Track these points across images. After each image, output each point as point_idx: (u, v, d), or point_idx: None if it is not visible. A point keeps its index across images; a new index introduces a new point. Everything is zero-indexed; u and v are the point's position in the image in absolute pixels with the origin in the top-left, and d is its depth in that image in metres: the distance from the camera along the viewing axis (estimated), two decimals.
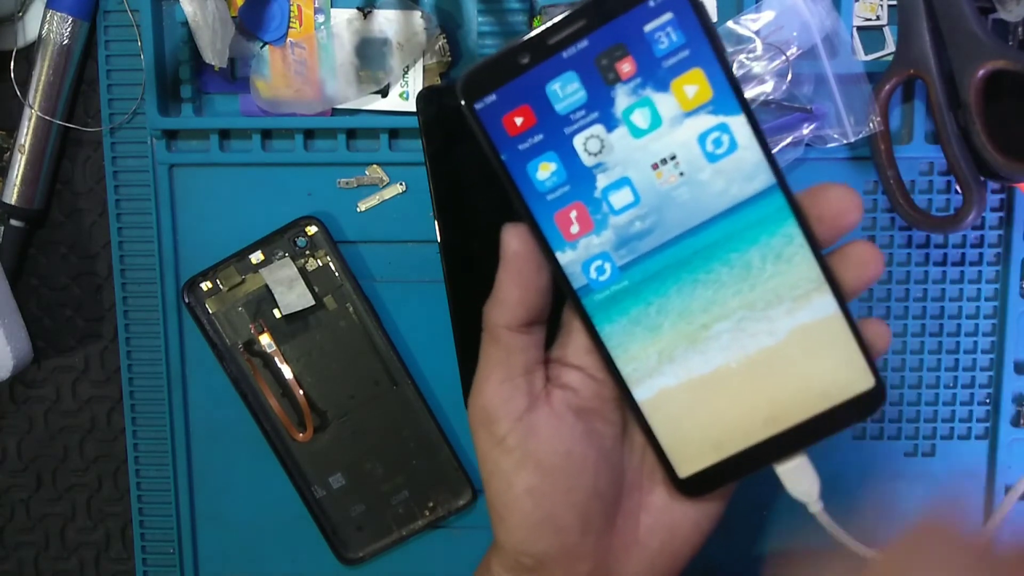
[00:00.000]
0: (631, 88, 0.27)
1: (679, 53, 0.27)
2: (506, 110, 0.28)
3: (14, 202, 0.47)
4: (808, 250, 0.28)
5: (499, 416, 0.29)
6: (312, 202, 0.46)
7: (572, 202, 0.28)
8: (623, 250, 0.28)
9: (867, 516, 0.32)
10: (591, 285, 0.29)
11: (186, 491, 0.49)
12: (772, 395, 0.29)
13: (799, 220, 0.28)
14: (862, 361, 0.28)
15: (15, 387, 0.50)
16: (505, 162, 0.28)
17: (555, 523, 0.29)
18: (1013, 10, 0.40)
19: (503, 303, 0.29)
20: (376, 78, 0.45)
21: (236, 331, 0.47)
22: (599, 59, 0.27)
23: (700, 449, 0.29)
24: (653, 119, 0.27)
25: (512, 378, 0.29)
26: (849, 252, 0.28)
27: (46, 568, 0.52)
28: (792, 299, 0.28)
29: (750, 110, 0.27)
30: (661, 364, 0.29)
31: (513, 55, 0.27)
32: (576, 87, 0.27)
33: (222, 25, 0.43)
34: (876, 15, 0.44)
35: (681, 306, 0.28)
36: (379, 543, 0.48)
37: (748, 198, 0.28)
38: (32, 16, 0.46)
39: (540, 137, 0.28)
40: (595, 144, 0.28)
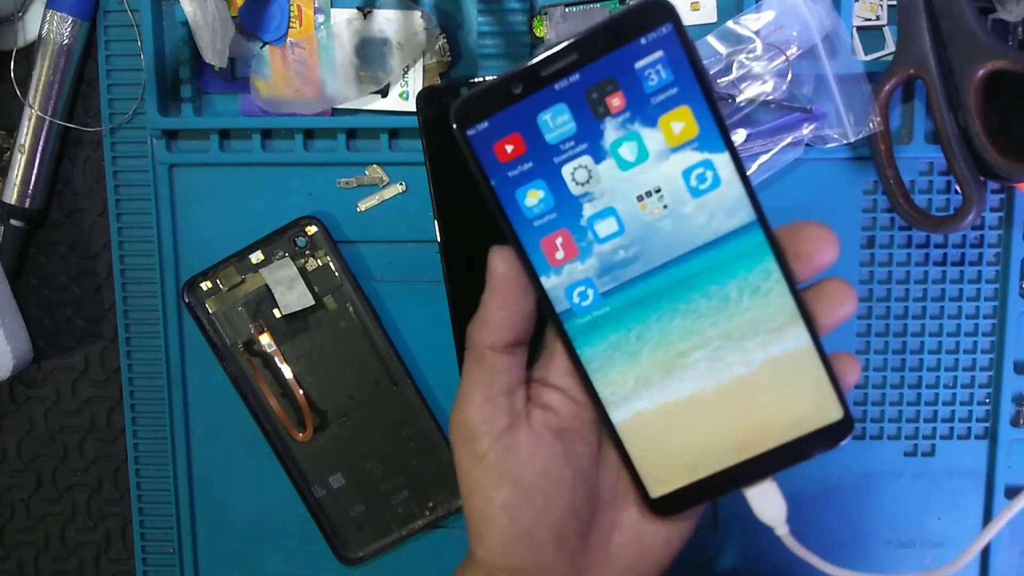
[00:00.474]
0: (620, 122, 0.28)
1: (668, 90, 0.28)
2: (497, 137, 0.28)
3: (14, 202, 0.47)
4: (784, 285, 0.29)
5: (480, 434, 0.30)
6: (312, 202, 0.47)
7: (558, 229, 0.29)
8: (606, 277, 0.29)
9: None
10: (573, 310, 0.30)
11: (186, 491, 0.49)
12: (744, 422, 0.30)
13: (777, 256, 0.29)
14: (832, 393, 0.29)
15: (15, 387, 0.50)
16: (494, 187, 0.29)
17: (531, 539, 0.30)
18: (1013, 10, 0.40)
19: (488, 324, 0.30)
20: (376, 78, 0.45)
21: (236, 331, 0.47)
22: (590, 92, 0.28)
23: (673, 471, 0.30)
24: (640, 153, 0.28)
25: (494, 397, 0.30)
26: (824, 288, 0.29)
27: (46, 568, 0.52)
28: (767, 331, 0.29)
29: (734, 148, 0.28)
30: (638, 388, 0.30)
31: (506, 84, 0.28)
32: (566, 118, 0.28)
33: (222, 25, 0.43)
34: (876, 15, 0.44)
35: (660, 334, 0.29)
36: (379, 543, 0.48)
37: (729, 232, 0.29)
38: (32, 16, 0.46)
39: (529, 165, 0.29)
40: (583, 174, 0.29)
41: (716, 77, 0.43)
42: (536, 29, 0.44)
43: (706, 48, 0.43)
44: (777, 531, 0.31)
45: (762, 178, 0.44)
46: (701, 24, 0.44)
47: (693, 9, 0.44)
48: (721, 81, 0.43)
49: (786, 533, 0.31)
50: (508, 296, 0.30)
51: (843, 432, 0.29)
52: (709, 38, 0.43)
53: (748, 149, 0.44)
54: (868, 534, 0.48)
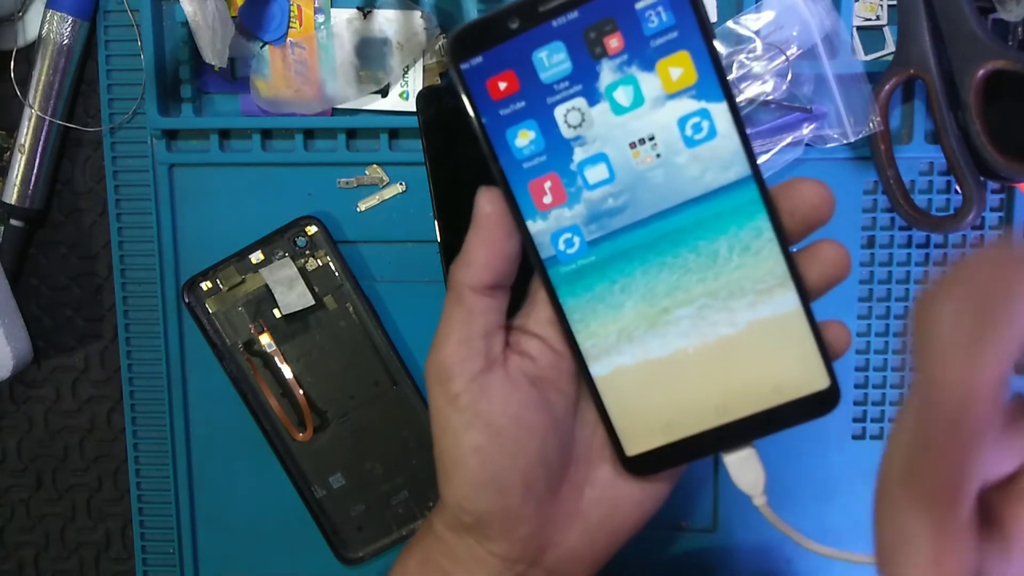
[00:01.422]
0: (616, 64, 0.27)
1: (668, 34, 0.27)
2: (491, 73, 0.28)
3: (14, 202, 0.47)
4: (776, 245, 0.28)
5: (454, 374, 0.29)
6: (312, 202, 0.47)
7: (547, 172, 0.28)
8: (593, 225, 0.28)
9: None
10: (558, 257, 0.29)
11: (186, 491, 0.49)
12: (726, 384, 0.29)
13: (770, 214, 0.28)
14: (819, 361, 0.28)
15: (15, 387, 0.50)
16: (485, 125, 0.28)
17: (498, 484, 0.29)
18: (1013, 10, 0.40)
19: (469, 263, 0.29)
20: (376, 78, 0.45)
21: (236, 331, 0.47)
22: (587, 32, 0.27)
23: (650, 430, 0.30)
24: (635, 98, 0.28)
25: (471, 339, 0.29)
26: (818, 250, 0.28)
27: (46, 568, 0.52)
28: (755, 292, 0.28)
29: (733, 99, 0.27)
30: (620, 343, 0.29)
31: (503, 19, 0.27)
32: (562, 58, 0.27)
33: (222, 25, 0.43)
34: (876, 15, 0.44)
35: (645, 287, 0.29)
36: (379, 543, 0.48)
37: (722, 187, 0.28)
38: (32, 16, 0.46)
39: (522, 104, 0.28)
40: (575, 117, 0.28)
41: None
42: None
43: None
44: (754, 500, 0.30)
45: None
46: None
47: None
48: None
49: (764, 503, 0.30)
50: (492, 236, 0.29)
51: (829, 402, 0.28)
52: None
53: None
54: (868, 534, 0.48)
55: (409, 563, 0.32)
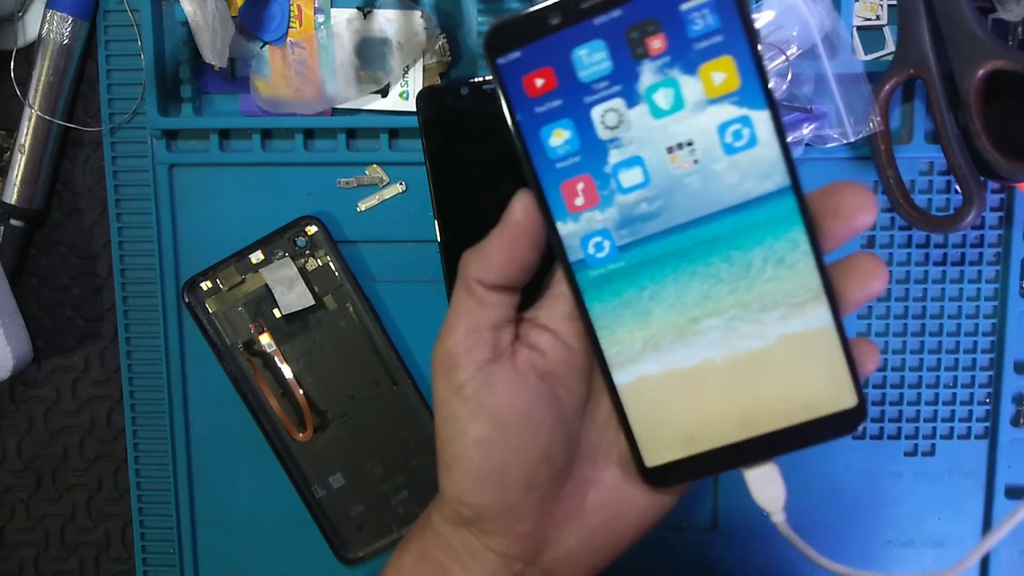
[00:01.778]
0: (658, 66, 0.27)
1: (712, 37, 0.26)
2: (528, 69, 0.27)
3: (14, 202, 0.47)
4: (812, 258, 0.27)
5: (460, 363, 0.29)
6: (312, 202, 0.47)
7: (581, 173, 0.28)
8: (625, 230, 0.28)
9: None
10: (587, 260, 0.28)
11: (186, 491, 0.49)
12: (752, 398, 0.28)
13: (807, 227, 0.27)
14: (848, 378, 0.28)
15: (15, 387, 0.50)
16: (519, 122, 0.27)
17: (500, 478, 0.29)
18: (1013, 10, 0.40)
19: (484, 259, 0.29)
20: (376, 78, 0.45)
21: (236, 331, 0.47)
22: (630, 31, 0.26)
23: (671, 441, 0.29)
24: (676, 101, 0.27)
25: (479, 329, 0.29)
26: (855, 263, 0.28)
27: (46, 568, 0.52)
28: (787, 305, 0.28)
29: (776, 107, 0.27)
30: (646, 351, 0.29)
31: (544, 15, 0.27)
32: (602, 56, 0.27)
33: (222, 25, 0.43)
34: (876, 15, 0.44)
35: (674, 296, 0.28)
36: (379, 543, 0.48)
37: (760, 196, 0.27)
38: (32, 16, 0.46)
39: (559, 102, 0.27)
40: (613, 118, 0.27)
41: None
42: None
43: None
44: (773, 517, 0.30)
45: None
46: None
47: None
48: None
49: (782, 520, 0.30)
50: (515, 244, 0.29)
51: (855, 420, 0.28)
52: None
53: None
54: (868, 534, 0.48)
55: (405, 557, 0.32)
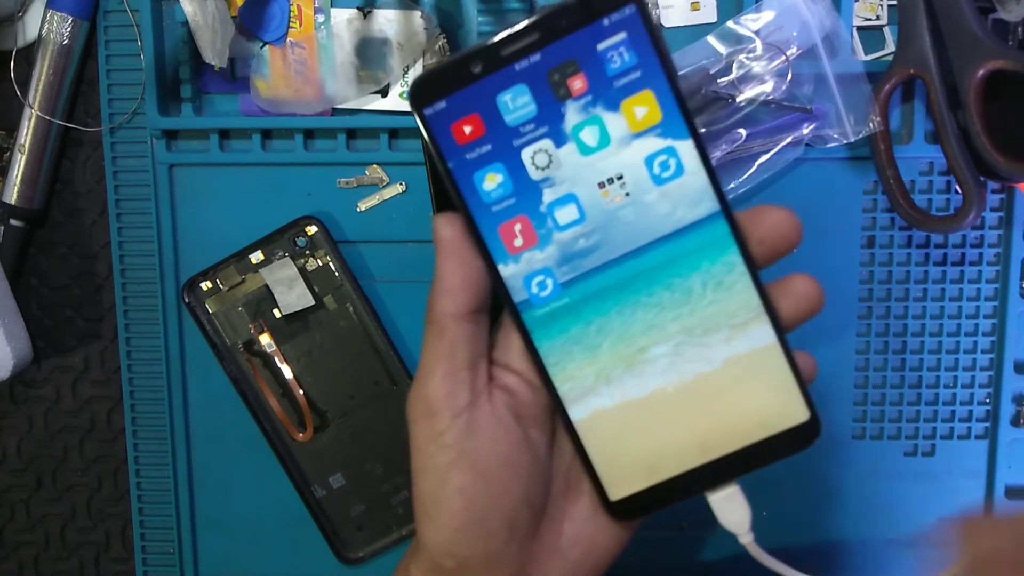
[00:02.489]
0: (581, 105, 0.27)
1: (631, 74, 0.27)
2: (455, 118, 0.28)
3: (14, 202, 0.47)
4: (748, 279, 0.28)
5: (440, 410, 0.29)
6: (312, 202, 0.47)
7: (517, 215, 0.28)
8: (566, 267, 0.28)
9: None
10: (532, 300, 0.29)
11: (186, 491, 0.49)
12: (707, 422, 0.29)
13: (741, 248, 0.28)
14: (797, 393, 0.28)
15: (15, 387, 0.50)
16: (452, 170, 0.28)
17: (484, 527, 0.29)
18: (1013, 10, 0.40)
19: (446, 291, 0.29)
20: (376, 78, 0.45)
21: (236, 331, 0.47)
22: (551, 74, 0.27)
23: (633, 473, 0.29)
24: (602, 138, 0.28)
25: (456, 372, 0.29)
26: (790, 284, 0.29)
27: (46, 568, 0.52)
28: (730, 327, 0.28)
29: (699, 135, 0.27)
30: (598, 384, 0.29)
31: (465, 63, 0.27)
32: (527, 100, 0.27)
33: (222, 25, 0.43)
34: (876, 15, 0.44)
35: (621, 327, 0.29)
36: (379, 543, 0.48)
37: (692, 223, 0.28)
38: (32, 16, 0.46)
39: (488, 148, 0.28)
40: (543, 158, 0.28)
41: (716, 77, 0.43)
42: None
43: (706, 48, 0.43)
44: (741, 539, 0.30)
45: (762, 178, 0.44)
46: (701, 24, 0.44)
47: (693, 9, 0.44)
48: (721, 81, 0.43)
49: (750, 541, 0.30)
50: (461, 257, 0.28)
51: (810, 435, 0.28)
52: (709, 38, 0.43)
53: (748, 149, 0.44)
54: (868, 534, 0.48)
55: None
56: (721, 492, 0.30)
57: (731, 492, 0.30)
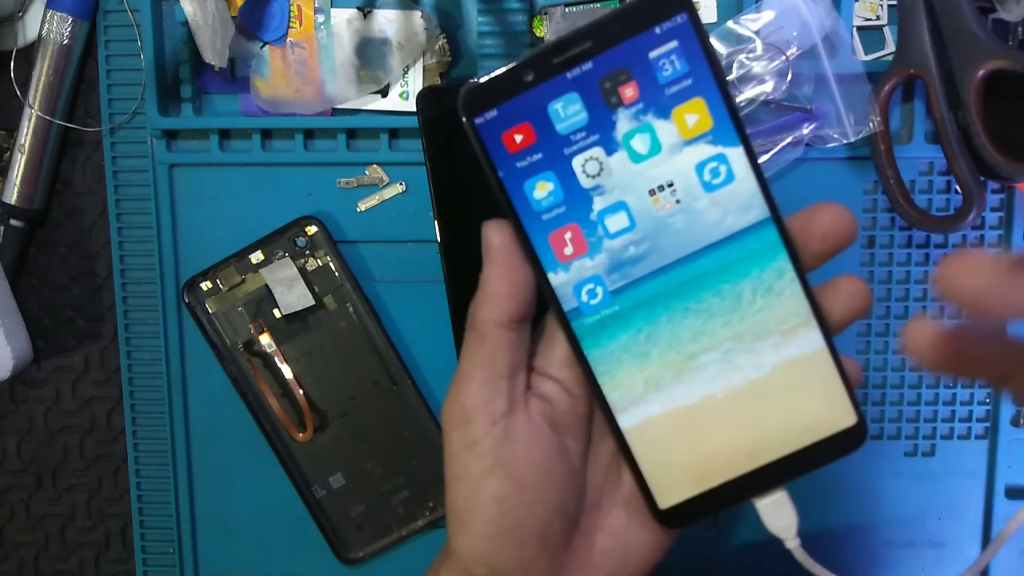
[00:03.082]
0: (632, 113, 0.28)
1: (682, 81, 0.27)
2: (506, 127, 0.28)
3: (14, 202, 0.47)
4: (798, 285, 0.28)
5: (477, 416, 0.28)
6: (312, 202, 0.47)
7: (567, 223, 0.28)
8: (616, 275, 0.28)
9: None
10: (581, 308, 0.29)
11: (186, 491, 0.49)
12: (755, 428, 0.29)
13: (790, 254, 0.28)
14: (845, 397, 0.29)
15: (15, 387, 0.50)
16: (502, 179, 0.28)
17: (517, 536, 0.28)
18: (1013, 10, 0.40)
19: (491, 297, 0.29)
20: (376, 78, 0.45)
21: (236, 331, 0.47)
22: (603, 82, 0.27)
23: (682, 480, 0.29)
24: (653, 145, 0.28)
25: (495, 379, 0.29)
26: (838, 286, 0.29)
27: (46, 568, 0.52)
28: (780, 333, 0.28)
29: (749, 143, 0.28)
30: (647, 392, 0.29)
31: (517, 72, 0.27)
32: (578, 108, 0.28)
33: (222, 25, 0.43)
34: (876, 15, 0.44)
35: (670, 334, 0.29)
36: (379, 543, 0.48)
37: (742, 230, 0.28)
38: (32, 16, 0.46)
39: (539, 156, 0.28)
40: (594, 167, 0.28)
41: None
42: (536, 29, 0.44)
43: None
44: (787, 544, 0.30)
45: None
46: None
47: None
48: None
49: (797, 546, 0.30)
50: (509, 265, 0.28)
51: (857, 439, 0.29)
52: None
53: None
54: (868, 534, 0.48)
55: None
56: (768, 498, 0.30)
57: (778, 498, 0.30)
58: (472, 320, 0.29)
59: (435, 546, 0.49)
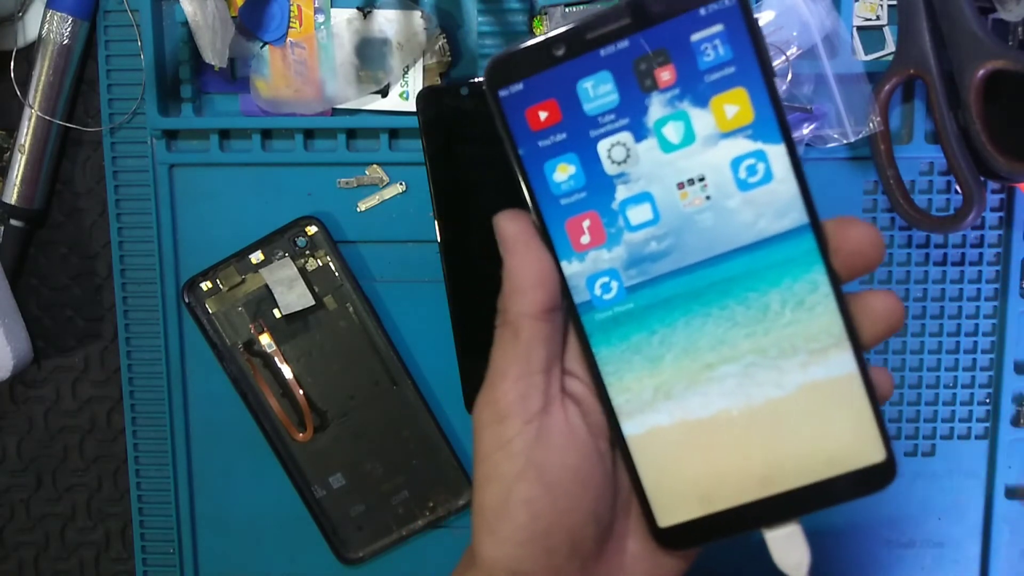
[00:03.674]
0: (668, 98, 0.26)
1: (724, 69, 0.25)
2: (531, 102, 0.26)
3: (14, 202, 0.47)
4: (833, 300, 0.26)
5: (511, 414, 0.27)
6: (312, 202, 0.47)
7: (586, 210, 0.27)
8: (633, 270, 0.26)
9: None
10: (594, 302, 0.27)
11: (186, 491, 0.49)
12: (771, 453, 0.26)
13: (828, 266, 0.26)
14: (875, 430, 0.26)
15: (15, 387, 0.50)
16: (522, 157, 0.26)
17: (547, 542, 0.27)
18: (1013, 10, 0.40)
19: (519, 289, 0.27)
20: (376, 78, 0.45)
21: (236, 331, 0.47)
22: (638, 63, 0.25)
23: (686, 499, 0.27)
24: (686, 135, 0.26)
25: (530, 375, 0.27)
26: (870, 303, 0.26)
27: (46, 568, 0.52)
28: (808, 351, 0.26)
29: (792, 141, 0.25)
30: (656, 400, 0.27)
31: (548, 46, 0.26)
32: (609, 88, 0.26)
33: (222, 25, 0.43)
34: (876, 15, 0.44)
35: (687, 340, 0.27)
36: (379, 543, 0.48)
37: (776, 235, 0.26)
38: (32, 16, 0.46)
39: (563, 136, 0.26)
40: (620, 152, 0.26)
41: None
42: (536, 29, 0.44)
43: None
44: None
45: None
46: None
47: None
48: None
49: None
50: (530, 251, 0.27)
51: (885, 477, 0.26)
52: None
53: None
54: (868, 534, 0.48)
55: None
56: (780, 530, 0.27)
57: (791, 531, 0.27)
58: (503, 315, 0.28)
59: (435, 546, 0.49)
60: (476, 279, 0.45)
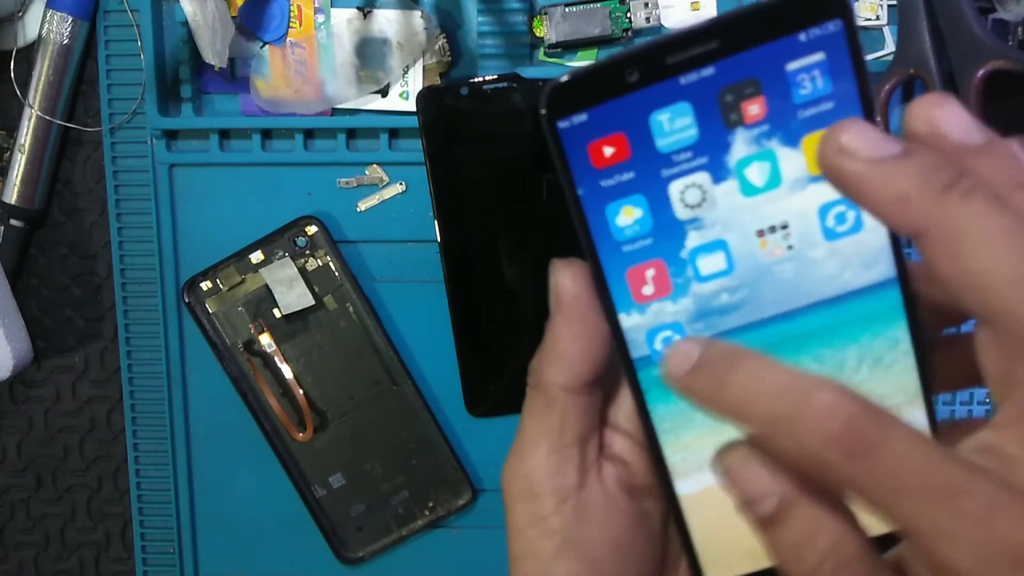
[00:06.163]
0: (754, 136, 0.23)
1: (821, 104, 0.22)
2: (596, 136, 0.23)
3: (14, 202, 0.47)
4: (912, 358, 0.24)
5: (544, 491, 0.25)
6: (312, 202, 0.47)
7: (651, 259, 0.24)
8: (700, 324, 0.24)
9: None
10: (654, 357, 0.24)
11: (186, 491, 0.49)
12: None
13: (911, 323, 0.23)
14: None
15: (15, 387, 0.50)
16: (581, 198, 0.23)
17: None
18: (1013, 10, 0.40)
19: (562, 359, 0.25)
20: (376, 78, 0.45)
21: (236, 331, 0.47)
22: (723, 93, 0.22)
23: (736, 557, 0.25)
24: (772, 177, 0.23)
25: (564, 448, 0.25)
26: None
27: (46, 568, 0.52)
28: None
29: None
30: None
31: (619, 69, 0.22)
32: (688, 122, 0.23)
33: (222, 25, 0.43)
34: (876, 15, 0.44)
35: None
36: (379, 543, 0.48)
37: (860, 288, 0.23)
38: (32, 16, 0.46)
39: (630, 175, 0.23)
40: (695, 195, 0.23)
41: None
42: (536, 29, 0.44)
43: None
44: None
45: None
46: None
47: (693, 9, 0.44)
48: None
49: None
50: (584, 321, 0.24)
51: None
52: None
53: None
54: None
55: None
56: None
57: None
58: (537, 379, 0.25)
59: (435, 546, 0.49)
60: (476, 279, 0.45)
